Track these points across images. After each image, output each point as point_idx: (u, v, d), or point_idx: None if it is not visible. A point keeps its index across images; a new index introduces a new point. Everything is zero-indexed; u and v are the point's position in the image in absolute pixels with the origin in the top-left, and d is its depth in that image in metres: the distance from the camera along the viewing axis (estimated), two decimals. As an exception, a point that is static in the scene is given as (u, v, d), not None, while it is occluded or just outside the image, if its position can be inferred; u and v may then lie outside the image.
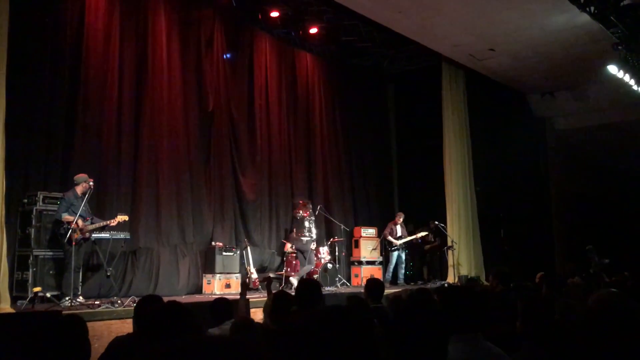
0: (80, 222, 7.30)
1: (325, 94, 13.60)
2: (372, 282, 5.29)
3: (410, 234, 12.60)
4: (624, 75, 11.49)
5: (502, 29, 10.81)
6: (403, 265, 12.33)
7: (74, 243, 7.11)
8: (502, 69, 12.77)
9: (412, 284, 12.53)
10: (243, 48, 11.77)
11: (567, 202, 14.50)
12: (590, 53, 11.57)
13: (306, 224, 10.59)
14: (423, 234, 12.58)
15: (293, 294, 4.28)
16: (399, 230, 12.41)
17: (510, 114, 14.22)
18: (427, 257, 13.83)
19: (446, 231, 12.69)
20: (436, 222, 12.64)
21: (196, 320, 3.11)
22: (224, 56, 11.26)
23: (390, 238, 12.29)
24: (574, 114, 14.44)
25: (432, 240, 13.35)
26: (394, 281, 12.25)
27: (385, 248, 12.63)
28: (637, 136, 13.52)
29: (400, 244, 12.19)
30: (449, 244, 12.62)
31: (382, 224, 13.07)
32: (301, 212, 10.66)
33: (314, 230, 10.73)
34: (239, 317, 4.55)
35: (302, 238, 10.49)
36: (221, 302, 4.58)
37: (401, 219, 12.52)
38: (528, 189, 14.16)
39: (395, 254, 12.23)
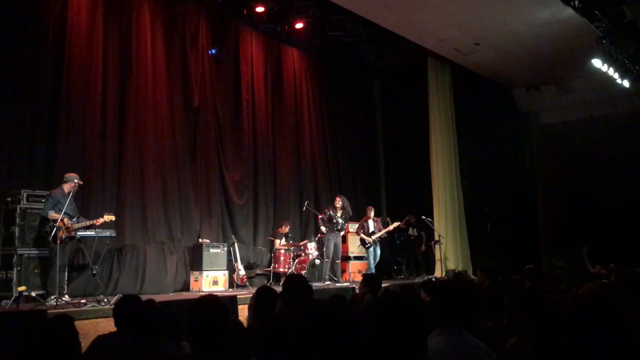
0: (66, 221, 7.24)
1: (311, 89, 13.57)
2: (369, 277, 5.30)
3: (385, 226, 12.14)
4: (609, 69, 11.57)
5: (488, 24, 10.85)
6: (376, 261, 11.67)
7: (59, 241, 7.04)
8: (488, 64, 12.82)
9: (400, 278, 12.55)
10: (228, 43, 11.70)
11: (552, 196, 14.59)
12: (575, 47, 11.65)
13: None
14: (396, 224, 12.24)
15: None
16: (371, 225, 11.81)
17: (496, 109, 14.28)
18: (410, 252, 13.81)
19: (433, 225, 12.71)
20: (422, 217, 12.61)
21: (175, 317, 3.09)
22: (209, 52, 11.19)
23: (362, 235, 11.72)
24: (560, 108, 14.54)
25: (411, 232, 13.32)
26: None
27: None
28: (623, 129, 13.63)
29: (373, 240, 11.61)
30: (436, 238, 12.65)
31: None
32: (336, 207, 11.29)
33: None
34: None
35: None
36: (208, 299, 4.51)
37: (372, 213, 11.90)
38: (514, 183, 14.24)
39: (371, 249, 11.65)
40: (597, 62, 11.42)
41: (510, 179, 14.18)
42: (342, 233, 11.34)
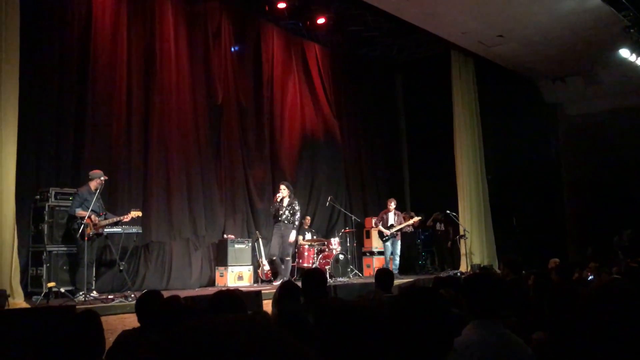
0: (93, 217, 7.36)
1: (333, 85, 13.55)
2: (382, 272, 5.28)
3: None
4: (636, 59, 11.35)
5: (511, 15, 10.70)
6: (397, 255, 11.56)
7: (86, 238, 7.16)
8: (512, 55, 12.66)
9: (423, 273, 12.49)
10: (250, 40, 11.75)
11: (579, 189, 14.38)
12: (601, 37, 11.44)
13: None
14: (416, 219, 12.18)
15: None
16: (391, 217, 11.65)
17: (520, 101, 14.10)
18: (436, 247, 13.80)
19: (458, 220, 12.63)
20: (447, 212, 12.54)
21: (197, 313, 3.12)
22: (232, 49, 11.24)
23: (380, 227, 11.61)
24: (586, 99, 14.30)
25: (439, 227, 13.28)
26: (402, 271, 11.99)
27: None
28: (650, 120, 13.38)
29: (392, 233, 11.50)
30: (461, 232, 12.56)
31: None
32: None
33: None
34: None
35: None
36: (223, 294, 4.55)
37: (393, 205, 11.75)
38: (540, 176, 14.06)
39: (389, 243, 11.55)
40: (624, 52, 11.22)
41: (536, 171, 14.00)
42: (293, 226, 9.95)
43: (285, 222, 9.86)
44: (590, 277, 6.87)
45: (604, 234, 12.78)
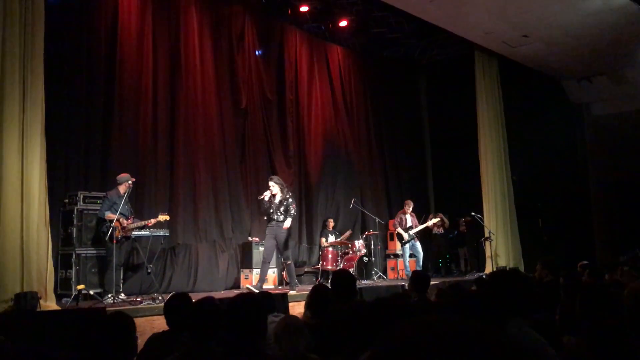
0: (122, 220, 7.46)
1: (356, 87, 13.56)
2: (417, 275, 5.26)
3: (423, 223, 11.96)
4: (664, 58, 11.18)
5: (536, 15, 10.59)
6: (421, 256, 11.41)
7: (115, 241, 7.26)
8: (537, 56, 12.52)
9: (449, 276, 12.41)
10: (274, 43, 11.81)
11: (606, 191, 14.16)
12: (628, 35, 11.28)
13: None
14: (435, 220, 12.05)
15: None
16: (409, 220, 11.60)
17: (545, 101, 13.94)
18: (462, 249, 13.76)
19: (483, 222, 12.53)
20: (472, 214, 12.45)
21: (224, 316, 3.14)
22: (256, 52, 11.31)
23: (399, 230, 11.48)
24: (612, 99, 14.08)
25: (463, 228, 13.21)
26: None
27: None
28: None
29: (410, 235, 11.39)
30: (486, 234, 12.45)
31: (416, 217, 12.96)
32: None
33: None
34: None
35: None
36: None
37: (410, 208, 11.70)
38: (566, 177, 13.88)
39: (407, 246, 11.43)
40: (652, 51, 11.04)
41: (562, 172, 13.82)
42: (284, 224, 8.71)
43: (279, 221, 8.73)
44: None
45: (632, 237, 12.56)
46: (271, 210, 8.75)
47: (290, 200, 8.86)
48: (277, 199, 8.80)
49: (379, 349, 0.71)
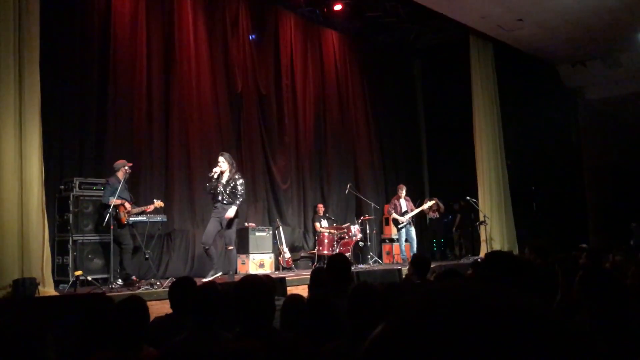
0: (127, 205, 7.55)
1: (351, 72, 13.52)
2: (418, 258, 5.29)
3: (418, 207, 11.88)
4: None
5: (532, -2, 10.59)
6: (414, 242, 11.43)
7: (124, 222, 7.50)
8: (532, 40, 12.53)
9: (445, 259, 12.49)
10: (268, 28, 11.74)
11: (600, 174, 14.26)
12: (622, 20, 11.31)
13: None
14: (430, 203, 11.98)
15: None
16: (403, 204, 11.54)
17: (540, 85, 13.97)
18: (456, 233, 13.83)
19: (478, 206, 12.59)
20: (467, 198, 12.49)
21: (229, 301, 3.17)
22: (250, 37, 11.25)
23: (395, 215, 11.46)
24: (606, 83, 14.14)
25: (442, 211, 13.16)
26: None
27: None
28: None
29: (406, 220, 11.37)
30: (481, 219, 12.52)
31: (412, 201, 13.00)
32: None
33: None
34: None
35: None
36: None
37: (403, 192, 11.66)
38: (560, 161, 13.96)
39: (403, 231, 11.40)
40: (647, 35, 11.06)
41: (556, 157, 13.89)
42: (228, 213, 8.03)
43: (224, 202, 8.05)
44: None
45: (625, 220, 12.68)
46: (218, 190, 8.06)
47: (239, 181, 8.14)
48: (225, 178, 8.14)
49: (395, 318, 0.62)
